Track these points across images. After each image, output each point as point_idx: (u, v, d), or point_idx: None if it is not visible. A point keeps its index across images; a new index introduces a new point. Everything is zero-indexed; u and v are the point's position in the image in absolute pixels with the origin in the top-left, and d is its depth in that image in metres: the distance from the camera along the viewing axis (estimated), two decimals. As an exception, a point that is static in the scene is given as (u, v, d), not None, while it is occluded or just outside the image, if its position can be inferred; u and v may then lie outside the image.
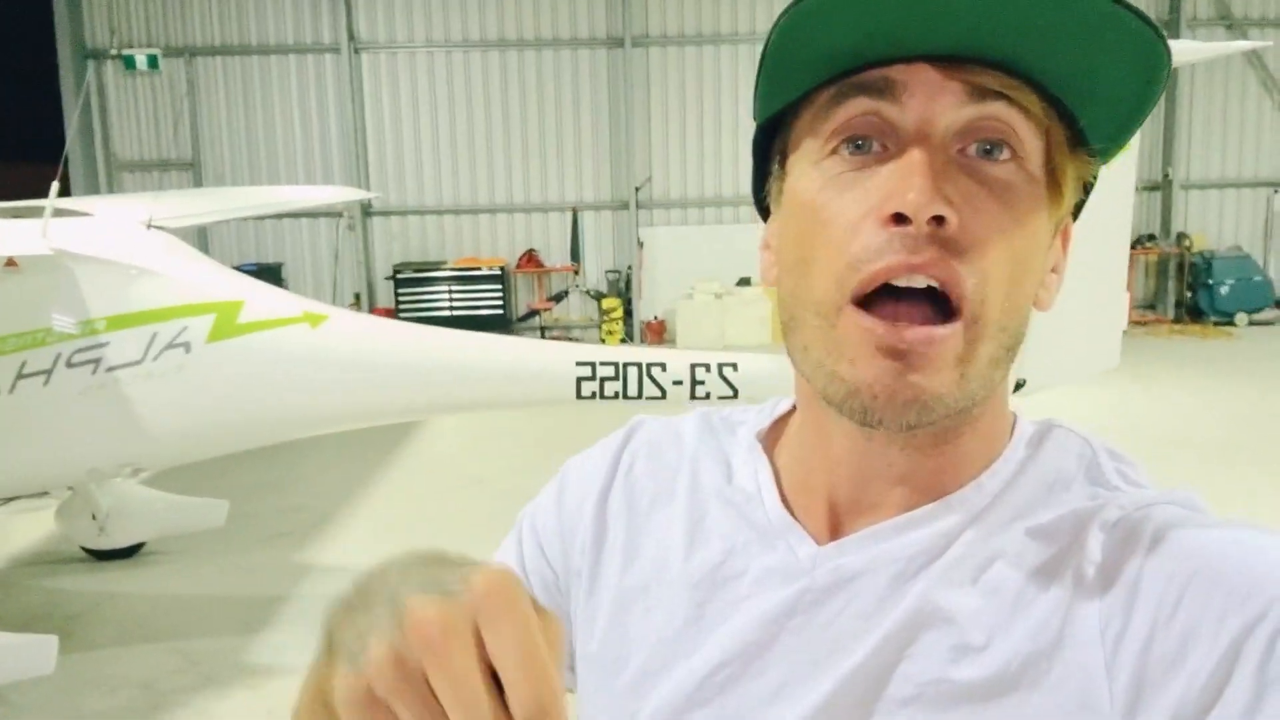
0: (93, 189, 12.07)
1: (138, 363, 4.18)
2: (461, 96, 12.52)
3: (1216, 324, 12.34)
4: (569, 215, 12.73)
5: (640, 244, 12.68)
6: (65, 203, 4.77)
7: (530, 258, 12.81)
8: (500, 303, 12.35)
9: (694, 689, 0.70)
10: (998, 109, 0.62)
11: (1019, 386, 4.32)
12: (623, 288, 12.83)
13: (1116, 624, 0.60)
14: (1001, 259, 0.62)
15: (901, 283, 0.62)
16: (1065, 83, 0.62)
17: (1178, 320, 12.64)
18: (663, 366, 4.76)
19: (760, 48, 0.65)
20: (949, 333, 0.62)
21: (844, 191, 0.64)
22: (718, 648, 0.70)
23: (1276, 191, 12.95)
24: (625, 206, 12.71)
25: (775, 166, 0.71)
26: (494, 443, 7.94)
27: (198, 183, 12.26)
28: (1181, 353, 11.01)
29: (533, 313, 12.69)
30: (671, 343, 12.03)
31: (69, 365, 4.12)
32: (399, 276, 12.39)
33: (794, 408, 0.77)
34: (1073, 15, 0.58)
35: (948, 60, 0.62)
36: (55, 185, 4.33)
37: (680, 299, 12.13)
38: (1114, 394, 8.19)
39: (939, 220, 0.60)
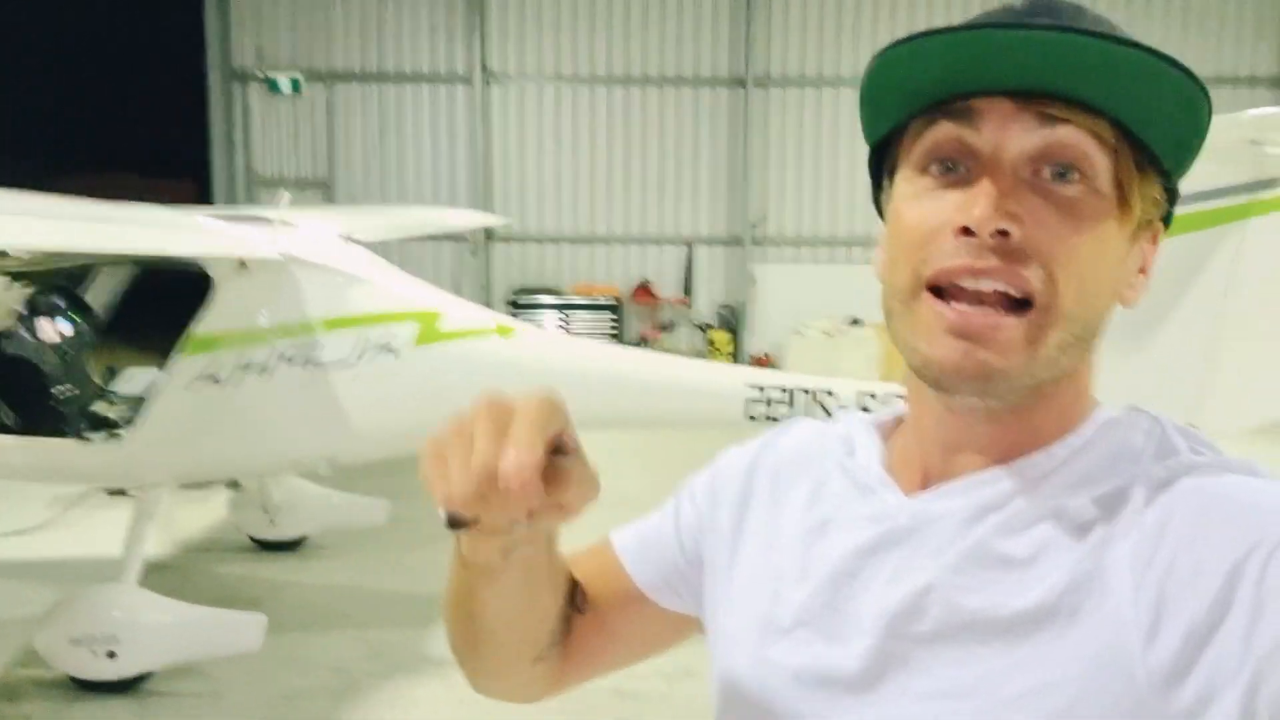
0: (231, 203, 12.66)
1: (349, 363, 4.45)
2: (585, 129, 12.89)
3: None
4: (684, 249, 12.98)
5: (753, 280, 12.86)
6: (270, 213, 5.09)
7: (644, 288, 13.08)
8: (615, 330, 12.61)
9: (799, 610, 0.84)
10: (1066, 132, 0.73)
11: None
12: (733, 322, 13.01)
13: (1145, 555, 0.69)
14: (1068, 261, 0.72)
15: (968, 285, 0.73)
16: (1127, 110, 0.73)
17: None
18: (830, 393, 4.90)
19: None
20: (1015, 322, 0.73)
21: (928, 204, 0.76)
22: (817, 576, 0.85)
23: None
24: (739, 243, 12.90)
25: (885, 181, 0.84)
26: (636, 462, 8.12)
27: (330, 202, 12.77)
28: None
29: (643, 341, 12.92)
30: (780, 378, 12.12)
31: (287, 362, 4.41)
32: (518, 301, 12.72)
33: None
34: (1121, 63, 0.69)
35: (1024, 94, 0.73)
36: (286, 195, 4.66)
37: (790, 335, 12.26)
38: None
39: (1004, 234, 0.72)
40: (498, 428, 0.68)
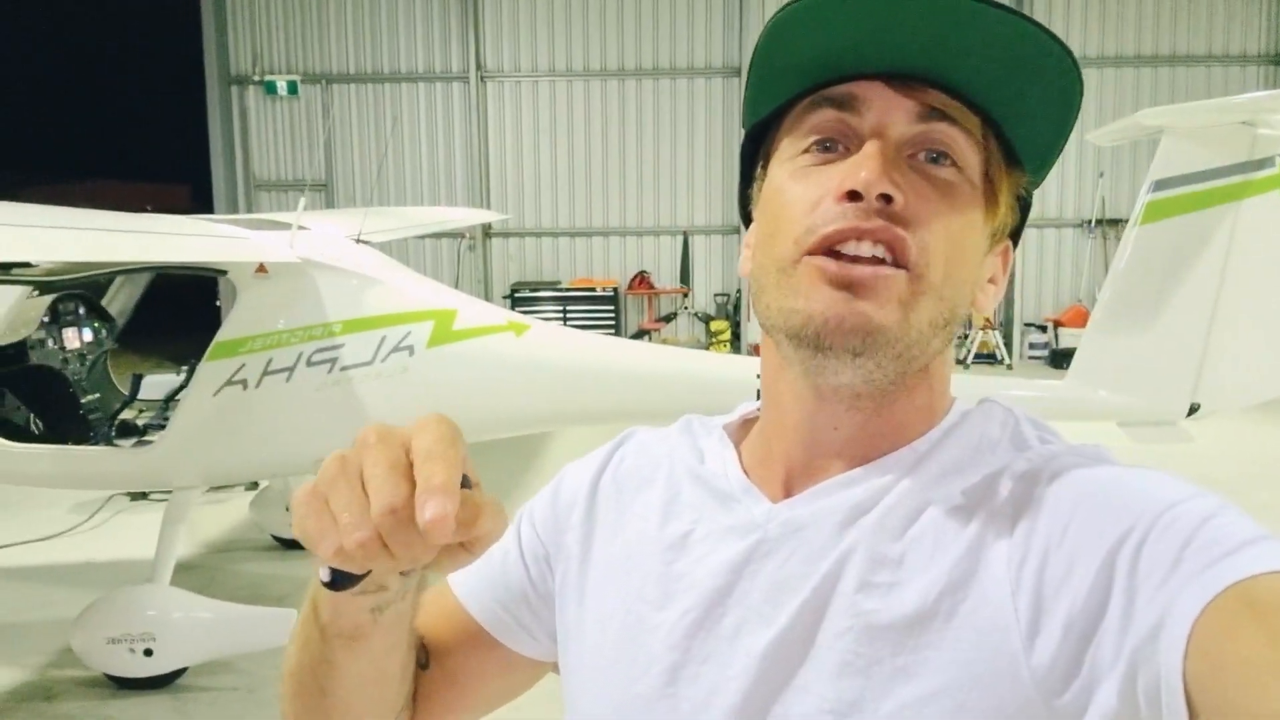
0: (232, 207, 12.75)
1: (368, 363, 4.57)
2: (580, 123, 13.00)
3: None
4: (680, 239, 13.09)
5: (749, 268, 12.98)
6: (287, 218, 5.19)
7: (642, 279, 13.19)
8: (613, 322, 12.73)
9: (666, 634, 0.79)
10: (942, 127, 0.73)
11: (1193, 410, 4.49)
12: (730, 310, 13.13)
13: (1019, 554, 0.68)
14: (940, 237, 0.72)
15: (850, 250, 0.71)
16: (1001, 105, 0.74)
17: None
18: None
19: None
20: (894, 274, 0.71)
21: (809, 178, 0.75)
22: (684, 596, 0.79)
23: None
24: (735, 231, 13.03)
25: (759, 170, 0.82)
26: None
27: (329, 203, 12.86)
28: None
29: (643, 332, 13.03)
30: (780, 365, 12.26)
31: (309, 364, 4.52)
32: (516, 295, 12.84)
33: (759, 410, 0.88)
34: (1005, 36, 0.69)
35: (902, 80, 0.74)
36: (303, 200, 4.75)
37: (789, 323, 12.38)
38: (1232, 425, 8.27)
39: (887, 199, 0.71)
40: (393, 461, 0.59)
